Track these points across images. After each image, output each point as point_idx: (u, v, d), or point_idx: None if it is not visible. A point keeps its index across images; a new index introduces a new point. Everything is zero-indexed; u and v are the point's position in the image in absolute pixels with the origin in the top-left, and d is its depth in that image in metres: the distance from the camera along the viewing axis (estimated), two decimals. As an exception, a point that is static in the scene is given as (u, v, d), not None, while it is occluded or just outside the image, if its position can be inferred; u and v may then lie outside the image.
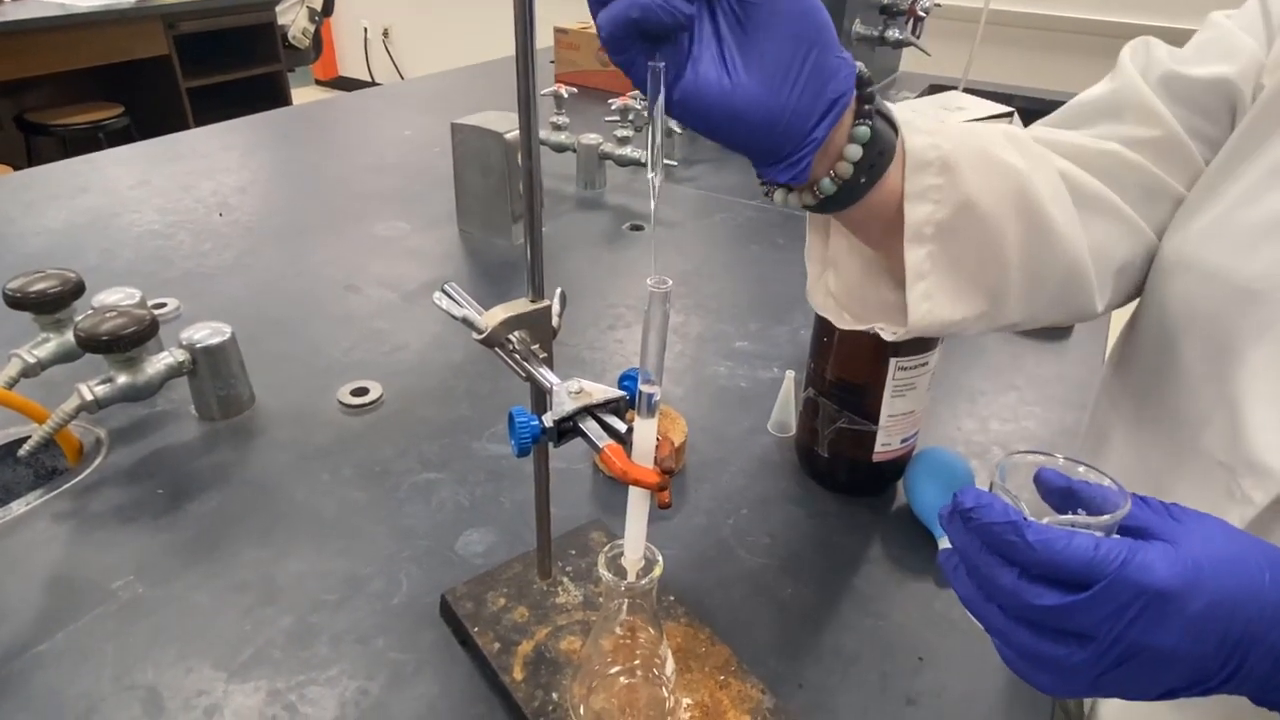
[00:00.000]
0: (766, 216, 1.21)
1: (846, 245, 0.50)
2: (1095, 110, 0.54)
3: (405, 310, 0.92)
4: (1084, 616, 0.32)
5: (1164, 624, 0.32)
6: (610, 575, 0.41)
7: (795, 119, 0.38)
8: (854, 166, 0.41)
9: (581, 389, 0.41)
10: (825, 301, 0.53)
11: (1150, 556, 0.32)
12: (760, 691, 0.49)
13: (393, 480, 0.67)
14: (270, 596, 0.56)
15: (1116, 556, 0.32)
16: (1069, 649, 0.33)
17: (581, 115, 1.51)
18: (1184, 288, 0.48)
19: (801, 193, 0.43)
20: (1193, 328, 0.47)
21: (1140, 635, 0.32)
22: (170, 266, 1.00)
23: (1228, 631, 0.32)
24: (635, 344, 0.88)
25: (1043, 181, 0.47)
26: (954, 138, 0.44)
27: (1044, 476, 0.38)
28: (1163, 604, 0.32)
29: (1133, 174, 0.50)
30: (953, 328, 0.47)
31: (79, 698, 0.49)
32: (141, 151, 1.39)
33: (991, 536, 0.34)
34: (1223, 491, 0.46)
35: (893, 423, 0.62)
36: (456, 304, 0.42)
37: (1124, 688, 0.34)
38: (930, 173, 0.43)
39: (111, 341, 0.64)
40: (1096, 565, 0.32)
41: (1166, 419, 0.51)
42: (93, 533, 0.61)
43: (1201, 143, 0.51)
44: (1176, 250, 0.49)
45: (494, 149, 1.01)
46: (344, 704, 0.49)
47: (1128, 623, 0.32)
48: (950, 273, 0.45)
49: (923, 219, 0.44)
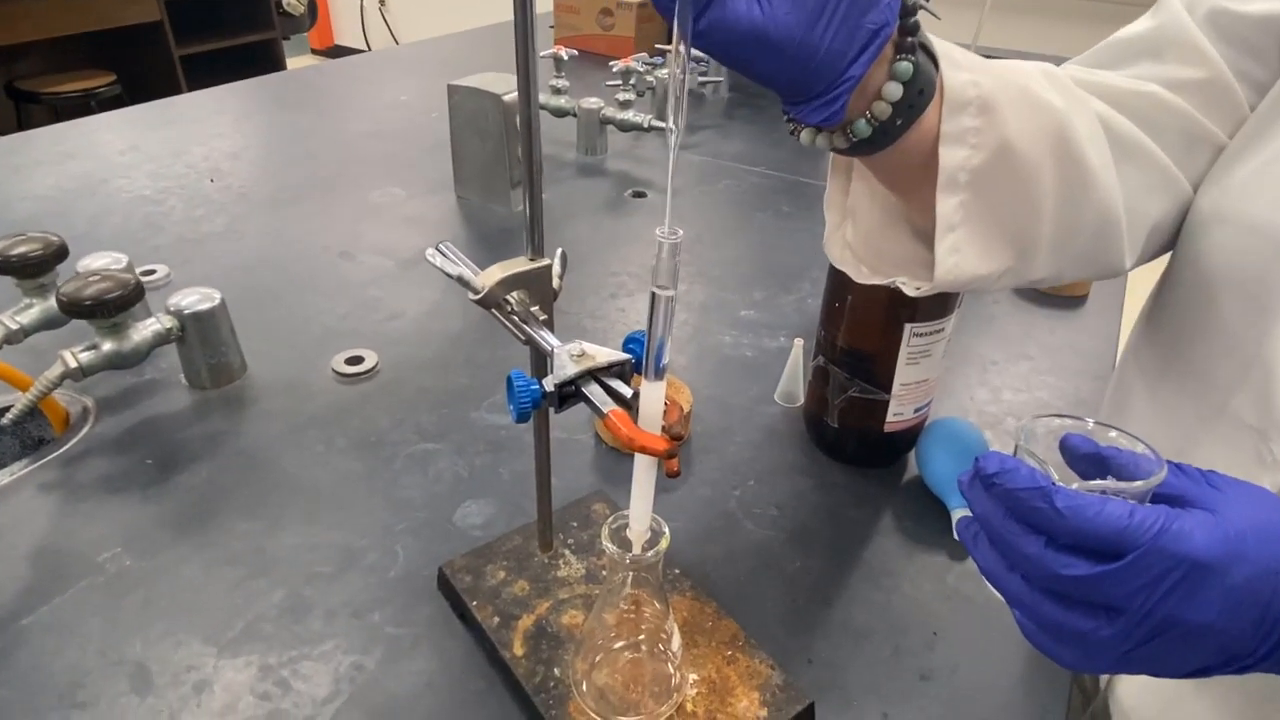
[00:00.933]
0: (771, 183, 1.18)
1: (868, 192, 0.48)
2: (1134, 48, 0.50)
3: (401, 278, 0.90)
4: (1115, 588, 0.30)
5: (1201, 597, 0.30)
6: (614, 548, 0.39)
7: (830, 54, 0.35)
8: (892, 107, 0.38)
9: (584, 351, 0.38)
10: (842, 254, 0.50)
11: (1189, 525, 0.30)
12: (769, 667, 0.47)
13: (389, 451, 0.65)
14: (262, 569, 0.54)
15: (1153, 524, 0.30)
16: (1097, 622, 0.31)
17: (582, 80, 1.47)
18: (1222, 242, 0.46)
19: (833, 134, 0.40)
20: (1229, 284, 0.45)
21: (1175, 609, 0.30)
22: (160, 233, 0.97)
23: (1269, 606, 0.30)
24: (638, 313, 0.86)
25: (1082, 124, 0.44)
26: (993, 73, 0.41)
27: (1070, 442, 0.36)
28: (1201, 576, 0.30)
29: (1172, 119, 0.47)
30: (978, 283, 0.44)
31: (64, 672, 0.48)
32: (132, 116, 1.35)
33: (1017, 503, 0.32)
34: (1252, 456, 0.44)
35: (906, 391, 0.60)
36: (451, 262, 0.40)
37: (1153, 664, 0.32)
38: (969, 113, 0.40)
39: (95, 306, 0.62)
40: (1130, 533, 0.30)
41: (1194, 380, 0.48)
42: (79, 504, 0.59)
43: (1248, 86, 0.47)
44: (1215, 202, 0.47)
45: (491, 111, 0.98)
46: (338, 679, 0.48)
47: (1162, 595, 0.30)
48: (981, 224, 0.42)
49: (958, 164, 0.41)
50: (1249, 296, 0.44)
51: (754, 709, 0.45)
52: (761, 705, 0.45)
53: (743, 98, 1.55)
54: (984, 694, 0.49)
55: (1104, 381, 0.79)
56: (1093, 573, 0.30)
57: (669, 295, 0.32)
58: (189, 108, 1.40)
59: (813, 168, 1.25)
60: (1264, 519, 0.31)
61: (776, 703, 0.45)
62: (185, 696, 0.46)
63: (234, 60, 3.25)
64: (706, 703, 0.45)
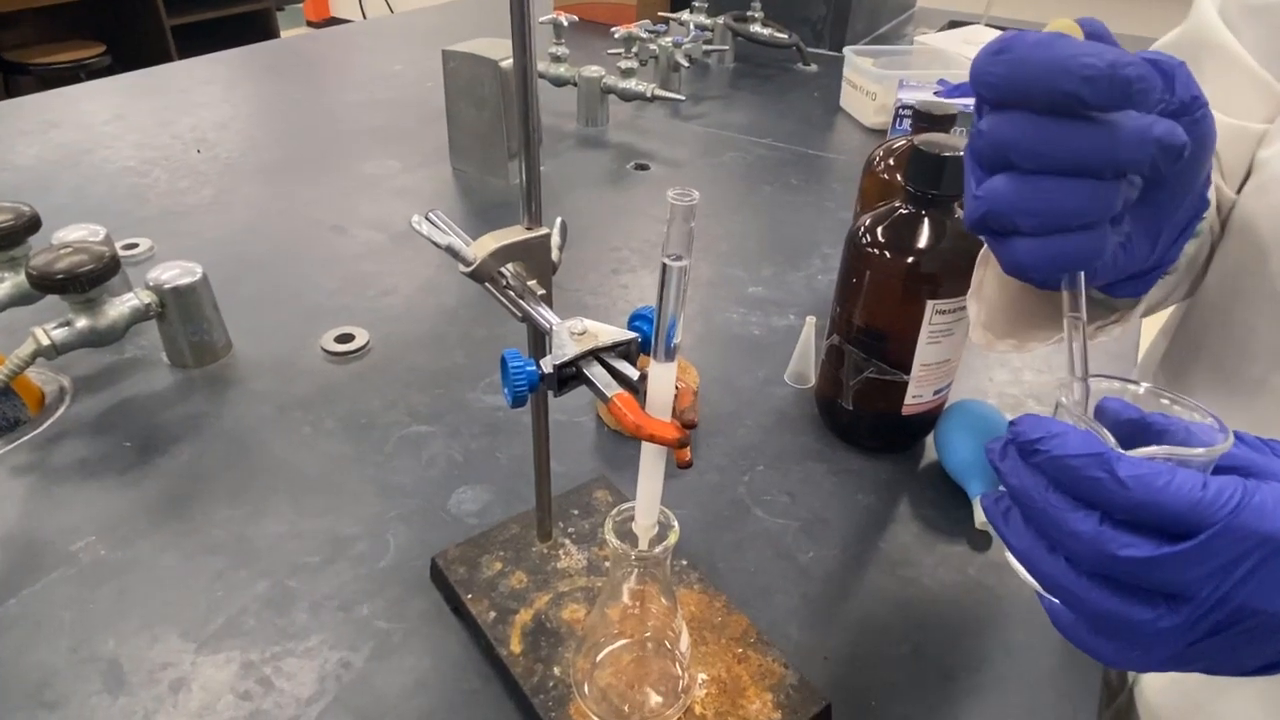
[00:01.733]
0: (778, 155, 1.14)
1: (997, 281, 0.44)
2: None
3: (394, 252, 0.86)
4: (1184, 571, 0.26)
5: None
6: (618, 542, 0.36)
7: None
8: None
9: (586, 329, 0.35)
10: (985, 337, 0.46)
11: (1271, 499, 0.26)
12: (783, 666, 0.44)
13: (380, 433, 0.62)
14: (245, 559, 0.51)
15: (1230, 498, 0.26)
16: (1157, 612, 0.27)
17: (583, 49, 1.42)
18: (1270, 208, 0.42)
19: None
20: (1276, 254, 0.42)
21: (1252, 596, 0.26)
22: (144, 205, 0.94)
23: None
24: (642, 290, 0.82)
25: None
26: None
27: (1109, 407, 0.32)
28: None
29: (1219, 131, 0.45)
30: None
31: (32, 669, 0.45)
32: (117, 85, 1.31)
33: (1067, 473, 0.27)
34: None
35: (926, 372, 0.57)
36: (440, 231, 0.36)
37: (1215, 660, 0.28)
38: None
39: (67, 281, 0.58)
40: (1204, 508, 0.26)
41: (1233, 354, 0.46)
42: (53, 488, 0.56)
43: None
44: (1262, 167, 0.43)
45: (488, 79, 0.94)
46: (324, 677, 0.45)
47: (1240, 580, 0.26)
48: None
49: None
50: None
51: (767, 711, 0.42)
52: (775, 707, 0.42)
53: (748, 68, 1.50)
54: (1010, 693, 0.46)
55: (1126, 360, 0.75)
56: (1158, 554, 0.26)
57: (682, 266, 0.29)
58: (176, 77, 1.36)
59: (821, 140, 1.20)
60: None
61: (791, 704, 0.43)
62: (161, 696, 0.44)
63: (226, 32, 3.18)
64: (716, 704, 0.43)
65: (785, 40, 1.47)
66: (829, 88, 1.38)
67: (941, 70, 1.19)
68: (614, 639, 0.42)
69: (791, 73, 1.49)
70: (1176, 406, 0.31)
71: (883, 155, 0.69)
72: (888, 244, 0.54)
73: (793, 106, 1.33)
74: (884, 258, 0.54)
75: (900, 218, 0.54)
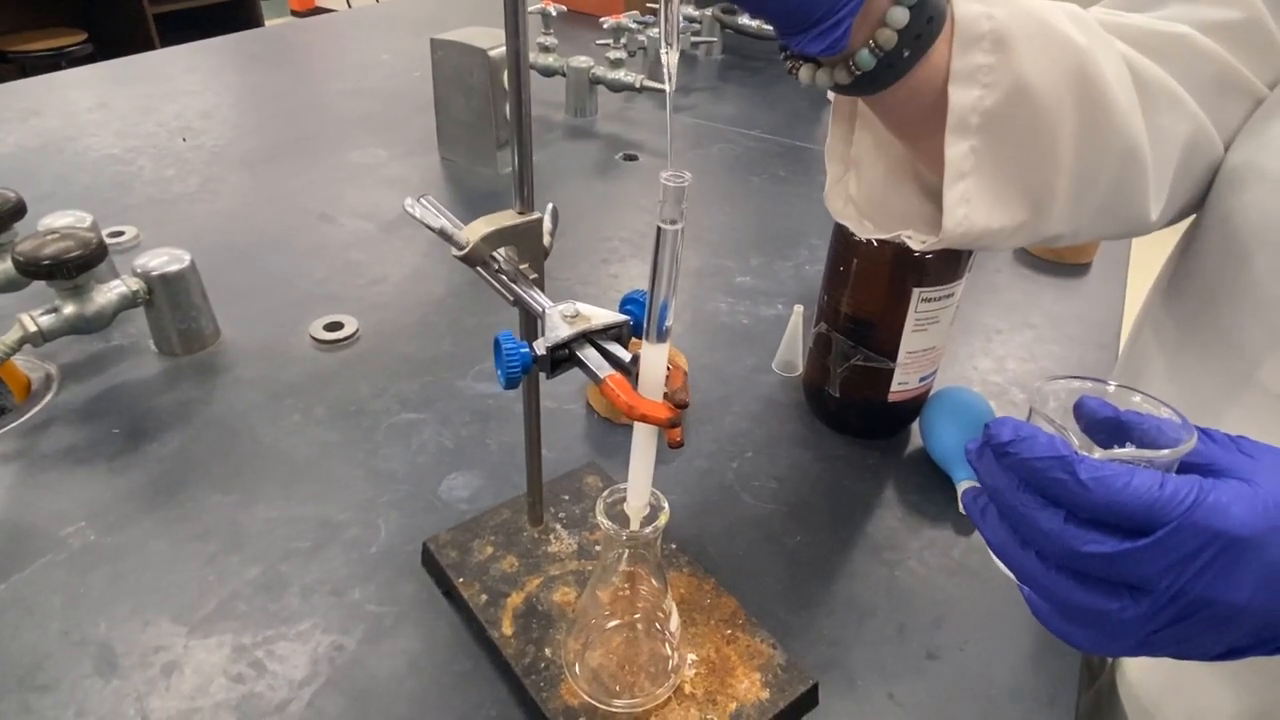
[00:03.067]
0: (766, 146, 1.14)
1: (872, 142, 0.44)
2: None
3: (383, 241, 0.86)
4: (1143, 566, 0.28)
5: (1237, 575, 0.28)
6: (610, 523, 0.37)
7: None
8: (899, 35, 0.35)
9: (578, 312, 0.35)
10: (845, 208, 0.47)
11: (1225, 497, 0.28)
12: (770, 646, 0.45)
13: (370, 420, 0.62)
14: (236, 544, 0.52)
15: (1185, 497, 0.28)
16: (1121, 603, 0.29)
17: (571, 40, 1.42)
18: (1257, 199, 0.43)
19: (834, 68, 0.37)
20: (1264, 244, 0.42)
21: (1208, 588, 0.28)
22: (130, 193, 0.93)
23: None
24: (631, 279, 0.83)
25: (1106, 63, 0.40)
26: (1010, 5, 0.38)
27: (1087, 405, 0.33)
28: (1239, 552, 0.27)
29: (1204, 64, 0.44)
30: (989, 238, 0.41)
31: (24, 653, 0.45)
32: (100, 73, 1.30)
33: (1034, 474, 0.29)
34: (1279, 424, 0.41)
35: (911, 360, 0.58)
36: (432, 214, 0.37)
37: (1178, 646, 0.30)
38: (982, 48, 0.37)
39: (54, 266, 0.58)
40: (1161, 507, 0.27)
41: (1219, 347, 0.46)
42: (41, 475, 0.56)
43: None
44: (1251, 156, 0.44)
45: (477, 68, 0.94)
46: (316, 660, 0.45)
47: (1195, 574, 0.28)
48: (994, 172, 0.39)
49: (969, 106, 0.38)
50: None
51: (755, 690, 0.43)
52: (763, 686, 0.43)
53: (736, 60, 1.51)
54: (992, 673, 0.47)
55: (1109, 350, 0.77)
56: (1118, 550, 0.28)
57: (677, 229, 0.29)
58: (160, 64, 1.35)
59: (809, 131, 1.21)
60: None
61: (778, 683, 0.43)
62: (153, 679, 0.44)
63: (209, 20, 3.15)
64: (706, 684, 0.43)
65: (773, 32, 1.47)
66: (816, 80, 1.39)
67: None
68: (605, 620, 0.43)
69: (779, 65, 1.49)
70: (1146, 404, 0.32)
71: (870, 145, 0.70)
72: (875, 232, 0.55)
73: (781, 98, 1.33)
74: (870, 246, 0.55)
75: (887, 206, 0.55)
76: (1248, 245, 0.43)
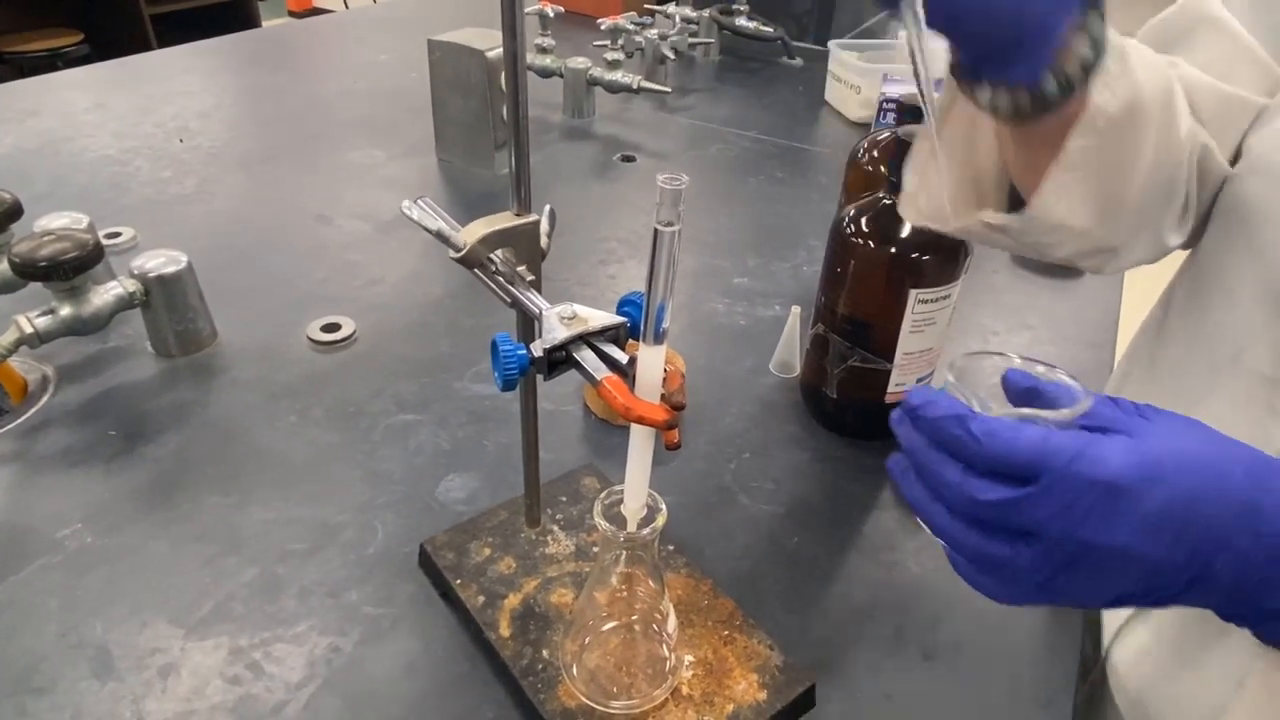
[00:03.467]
0: (763, 148, 1.14)
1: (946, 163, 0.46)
2: (1167, 33, 0.49)
3: (380, 242, 0.86)
4: (1031, 512, 0.30)
5: (1115, 521, 0.30)
6: (608, 525, 0.37)
7: (1042, 6, 0.35)
8: (1082, 65, 0.37)
9: (575, 314, 0.36)
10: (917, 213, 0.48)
11: (1105, 449, 0.30)
12: (768, 647, 0.45)
13: (367, 422, 0.62)
14: (233, 546, 0.52)
15: (1068, 448, 0.30)
16: (1015, 549, 0.31)
17: (569, 41, 1.42)
18: (1255, 191, 0.43)
19: (1016, 93, 0.38)
20: (1258, 235, 0.43)
21: (1090, 533, 0.30)
22: (126, 194, 0.93)
23: (1186, 532, 0.30)
24: (629, 280, 0.83)
25: (1178, 86, 0.42)
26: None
27: (1011, 378, 0.36)
28: (1114, 499, 0.30)
29: (1207, 94, 0.45)
30: (1052, 235, 0.43)
31: (20, 655, 0.45)
32: (97, 74, 1.30)
33: (937, 431, 0.32)
34: (1264, 407, 0.42)
35: (909, 361, 0.58)
36: (430, 216, 0.37)
37: (1072, 593, 0.32)
38: (1112, 57, 0.38)
39: (51, 268, 0.58)
40: (1046, 457, 0.30)
41: (1209, 332, 0.47)
42: (38, 477, 0.56)
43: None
44: (1249, 150, 0.45)
45: (474, 69, 0.94)
46: (313, 662, 0.45)
47: (1077, 519, 0.30)
48: (1093, 175, 0.41)
49: (1100, 106, 0.39)
50: (1274, 247, 0.42)
51: (753, 691, 0.43)
52: (761, 687, 0.43)
53: (734, 61, 1.51)
54: (989, 673, 0.47)
55: (1104, 350, 0.77)
56: (1008, 497, 0.30)
57: (673, 231, 0.30)
58: (157, 65, 1.34)
59: (806, 133, 1.21)
60: (1187, 448, 0.31)
61: (776, 684, 0.43)
62: (150, 681, 0.44)
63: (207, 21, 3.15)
64: (703, 685, 0.43)
65: (771, 34, 1.47)
66: (814, 81, 1.39)
67: (925, 64, 1.20)
68: (602, 621, 0.43)
69: (777, 66, 1.49)
70: (1053, 374, 0.35)
71: (867, 148, 0.70)
72: (871, 234, 0.55)
73: (778, 100, 1.33)
74: (868, 248, 0.55)
75: (884, 209, 0.55)
76: (1240, 238, 0.44)
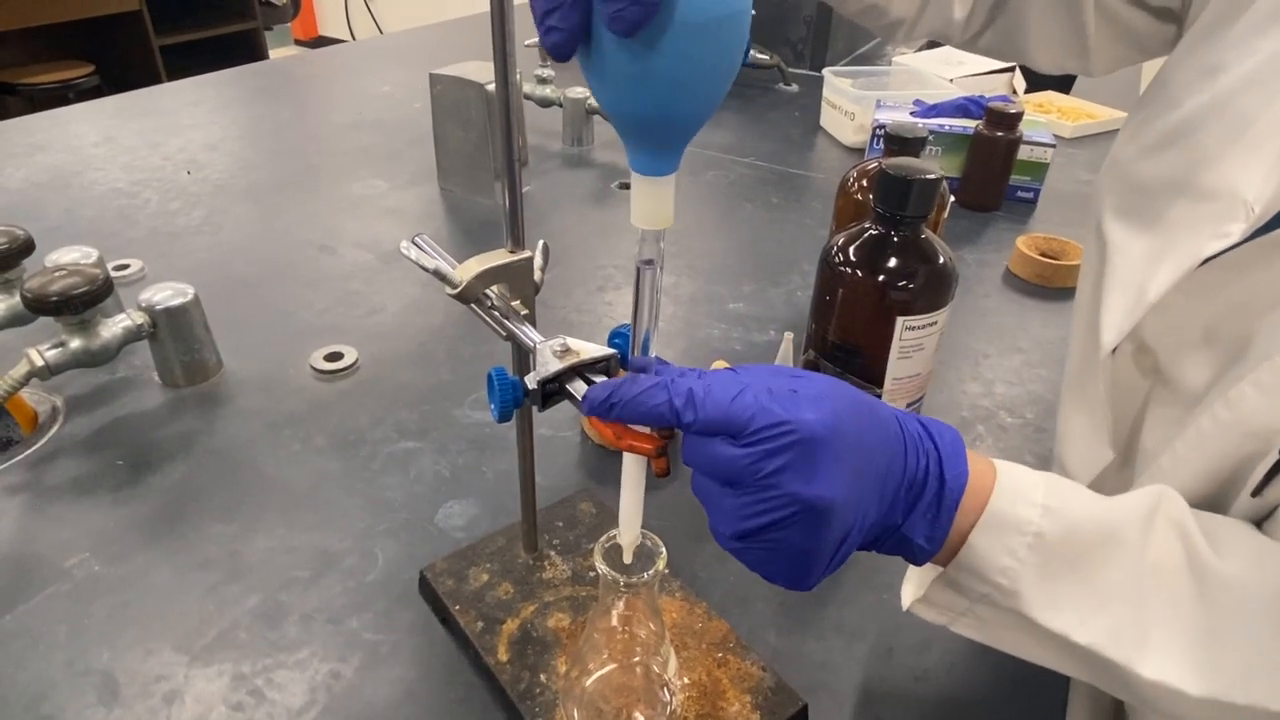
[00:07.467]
0: (759, 174, 1.16)
1: None
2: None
3: (382, 272, 0.88)
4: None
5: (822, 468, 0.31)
6: (608, 570, 0.38)
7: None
8: None
9: (568, 347, 0.37)
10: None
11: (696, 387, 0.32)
12: (761, 669, 0.46)
13: (368, 450, 0.63)
14: (236, 574, 0.53)
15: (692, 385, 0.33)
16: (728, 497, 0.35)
17: (569, 71, 1.45)
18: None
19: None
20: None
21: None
22: (135, 226, 0.95)
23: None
24: (626, 306, 0.84)
25: None
26: None
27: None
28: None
29: None
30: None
31: (29, 683, 0.46)
32: (106, 107, 1.32)
33: (632, 408, 0.33)
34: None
35: (898, 386, 0.59)
36: (428, 255, 0.38)
37: (791, 545, 0.33)
38: None
39: (62, 303, 0.59)
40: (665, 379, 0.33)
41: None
42: (47, 506, 0.57)
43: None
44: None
45: (474, 101, 0.96)
46: (314, 688, 0.46)
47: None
48: None
49: None
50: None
51: (745, 712, 0.44)
52: (754, 709, 0.44)
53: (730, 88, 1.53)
54: (980, 696, 0.48)
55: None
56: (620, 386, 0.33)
57: (653, 271, 0.31)
58: (165, 98, 1.37)
59: (802, 159, 1.23)
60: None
61: (769, 705, 0.44)
62: (155, 708, 0.45)
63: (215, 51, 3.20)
64: (697, 707, 0.44)
65: (767, 60, 1.50)
66: (809, 107, 1.41)
67: (918, 90, 1.22)
68: (602, 664, 0.43)
69: (773, 93, 1.52)
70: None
71: (856, 176, 0.71)
72: (858, 263, 0.56)
73: (774, 126, 1.36)
74: (855, 276, 0.56)
75: (870, 238, 0.56)
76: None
